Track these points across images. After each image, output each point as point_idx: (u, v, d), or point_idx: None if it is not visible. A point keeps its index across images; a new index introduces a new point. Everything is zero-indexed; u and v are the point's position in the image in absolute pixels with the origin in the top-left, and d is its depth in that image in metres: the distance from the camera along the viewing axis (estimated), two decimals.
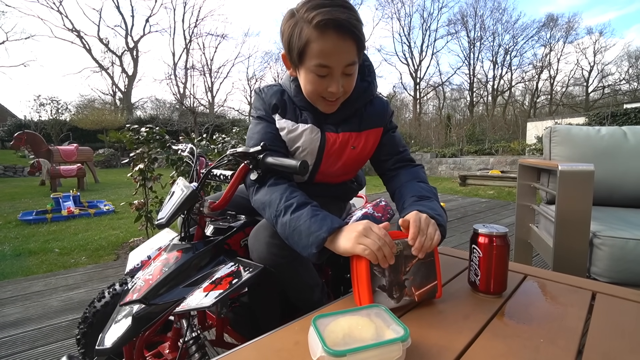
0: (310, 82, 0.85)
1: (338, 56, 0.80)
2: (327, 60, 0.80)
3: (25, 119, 17.85)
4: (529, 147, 9.70)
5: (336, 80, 0.82)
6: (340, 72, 0.82)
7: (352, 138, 0.95)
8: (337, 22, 0.76)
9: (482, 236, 0.71)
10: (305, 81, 0.86)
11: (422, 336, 0.57)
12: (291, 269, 0.89)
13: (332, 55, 0.79)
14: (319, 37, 0.78)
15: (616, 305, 0.70)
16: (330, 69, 0.81)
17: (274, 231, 0.84)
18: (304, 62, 0.83)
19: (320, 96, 0.87)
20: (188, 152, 1.13)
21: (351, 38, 0.79)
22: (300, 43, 0.80)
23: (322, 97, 0.87)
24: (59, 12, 22.43)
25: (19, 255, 2.86)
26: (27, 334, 1.61)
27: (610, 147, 1.77)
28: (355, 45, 0.81)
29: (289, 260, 0.87)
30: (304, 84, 0.88)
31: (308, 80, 0.85)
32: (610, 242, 1.23)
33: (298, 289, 0.95)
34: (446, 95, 28.06)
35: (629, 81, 23.36)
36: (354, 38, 0.79)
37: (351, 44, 0.80)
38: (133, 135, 2.77)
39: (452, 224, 3.74)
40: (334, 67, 0.81)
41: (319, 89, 0.85)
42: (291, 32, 0.81)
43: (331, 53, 0.79)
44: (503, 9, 25.09)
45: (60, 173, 6.57)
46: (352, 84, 0.87)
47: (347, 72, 0.83)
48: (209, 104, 25.04)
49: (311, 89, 0.86)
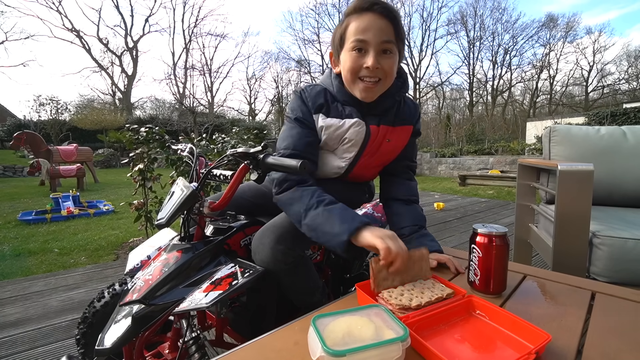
0: (349, 59, 0.88)
1: (374, 31, 0.84)
2: (363, 35, 0.85)
3: (25, 118, 17.81)
4: (528, 147, 9.71)
5: (373, 55, 0.85)
6: (377, 49, 0.85)
7: (389, 131, 0.98)
8: (374, 3, 0.84)
9: (481, 236, 0.72)
10: (345, 63, 0.90)
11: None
12: (294, 274, 0.90)
13: (369, 30, 0.84)
14: (357, 17, 0.86)
15: (615, 305, 0.70)
16: (367, 43, 0.85)
17: (279, 235, 0.86)
18: (344, 44, 0.89)
19: (358, 77, 0.89)
20: (188, 152, 1.13)
21: (387, 18, 0.85)
22: (341, 29, 0.90)
23: (360, 79, 0.89)
24: (58, 12, 22.38)
25: (19, 255, 2.86)
26: (26, 334, 1.60)
27: (610, 146, 1.77)
28: (392, 26, 0.86)
29: (291, 267, 0.87)
30: (343, 67, 0.91)
31: (347, 60, 0.89)
32: (610, 241, 1.23)
33: (299, 292, 0.95)
34: (446, 95, 28.08)
35: (628, 81, 23.39)
36: (391, 19, 0.85)
37: (388, 24, 0.85)
38: (132, 135, 2.77)
39: (452, 224, 3.74)
40: (371, 41, 0.85)
41: (357, 65, 0.87)
42: (336, 28, 0.92)
43: (368, 28, 0.84)
44: (503, 9, 25.07)
45: (59, 173, 6.57)
46: (391, 64, 0.88)
47: (384, 48, 0.86)
48: (208, 104, 25.05)
49: (349, 66, 0.88)
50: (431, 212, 4.43)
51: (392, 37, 0.86)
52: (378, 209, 1.42)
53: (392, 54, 0.87)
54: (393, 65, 0.89)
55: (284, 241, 0.86)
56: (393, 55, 0.88)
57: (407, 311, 0.60)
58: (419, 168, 10.01)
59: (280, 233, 0.87)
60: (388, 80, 0.90)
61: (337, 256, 1.29)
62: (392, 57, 0.88)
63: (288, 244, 0.86)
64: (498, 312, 0.60)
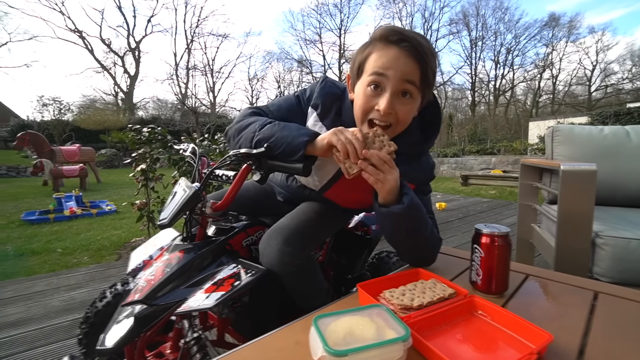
0: (362, 96, 0.79)
1: (396, 68, 0.74)
2: (383, 69, 0.75)
3: (28, 119, 17.91)
4: (531, 147, 9.68)
5: (388, 97, 0.75)
6: (395, 89, 0.75)
7: None
8: (403, 36, 0.74)
9: (483, 236, 0.71)
10: (357, 98, 0.81)
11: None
12: (301, 276, 0.89)
13: (391, 65, 0.75)
14: (382, 48, 0.76)
15: (618, 306, 0.69)
16: (384, 79, 0.75)
17: (286, 237, 0.86)
18: (362, 74, 0.80)
19: (367, 117, 0.80)
20: (190, 152, 1.13)
21: (415, 57, 0.74)
22: (362, 56, 0.79)
23: (370, 121, 0.80)
24: (61, 12, 22.61)
25: (22, 255, 2.87)
26: (28, 334, 1.61)
27: (613, 146, 1.76)
28: (418, 67, 0.75)
29: (299, 269, 0.87)
30: (356, 101, 0.82)
31: (360, 95, 0.80)
32: (613, 242, 1.22)
33: (305, 294, 0.94)
34: (448, 95, 28.01)
35: (632, 80, 23.27)
36: (419, 59, 0.75)
37: (414, 63, 0.75)
38: (135, 135, 2.78)
39: (454, 224, 3.73)
40: (390, 78, 0.75)
41: (369, 105, 0.78)
42: (359, 50, 0.81)
43: (390, 63, 0.75)
44: (505, 8, 25.00)
45: (62, 173, 6.59)
46: (406, 111, 0.78)
47: (404, 89, 0.76)
48: (210, 104, 25.10)
49: (360, 105, 0.80)
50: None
51: (416, 80, 0.75)
52: None
53: (411, 98, 0.77)
54: (409, 112, 0.79)
55: (292, 243, 0.85)
56: (412, 101, 0.78)
57: (409, 311, 0.60)
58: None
59: (287, 235, 0.87)
60: (399, 128, 0.80)
61: (339, 256, 1.29)
62: (410, 103, 0.78)
63: (295, 246, 0.86)
64: (500, 312, 0.59)
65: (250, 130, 0.86)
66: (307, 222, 0.94)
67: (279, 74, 27.80)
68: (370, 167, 0.72)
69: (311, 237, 0.89)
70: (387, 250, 1.52)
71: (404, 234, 0.80)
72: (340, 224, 1.15)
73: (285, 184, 1.12)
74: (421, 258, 0.87)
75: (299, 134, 0.78)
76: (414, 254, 0.86)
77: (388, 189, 0.74)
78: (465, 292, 0.66)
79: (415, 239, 0.81)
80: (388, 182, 0.73)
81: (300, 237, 0.88)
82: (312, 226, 0.94)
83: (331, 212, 1.03)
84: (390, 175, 0.73)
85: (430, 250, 0.86)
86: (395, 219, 0.77)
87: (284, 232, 0.87)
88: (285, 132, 0.79)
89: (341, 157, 0.74)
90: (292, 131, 0.79)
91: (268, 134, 0.81)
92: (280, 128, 0.81)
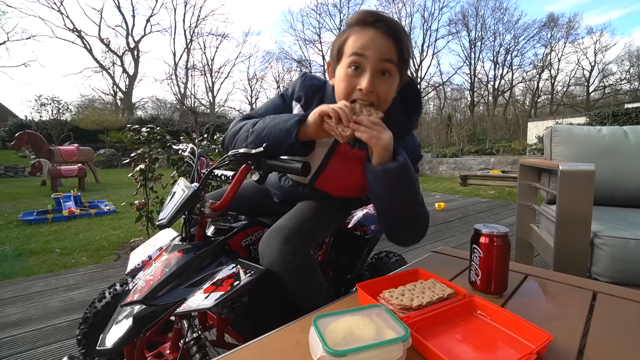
0: (343, 78, 0.82)
1: (374, 48, 0.77)
2: (362, 49, 0.78)
3: (27, 119, 17.87)
4: (529, 147, 9.69)
5: (368, 77, 0.78)
6: (374, 69, 0.78)
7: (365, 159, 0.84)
8: (378, 17, 0.78)
9: (482, 236, 0.71)
10: (339, 80, 0.83)
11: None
12: (301, 275, 0.89)
13: (368, 45, 0.78)
14: (359, 30, 0.80)
15: (617, 306, 0.69)
16: (364, 60, 0.78)
17: (285, 237, 0.86)
18: (342, 58, 0.83)
19: (351, 98, 0.82)
20: (189, 152, 1.13)
21: (391, 37, 0.78)
22: (341, 40, 0.83)
23: (353, 101, 0.81)
24: (59, 12, 22.49)
25: (20, 256, 2.86)
26: (27, 334, 1.61)
27: (611, 146, 1.77)
28: (395, 45, 0.79)
29: (300, 267, 0.86)
30: (337, 85, 0.84)
31: (341, 77, 0.82)
32: (611, 242, 1.23)
33: (305, 294, 0.93)
34: (447, 95, 28.05)
35: (630, 81, 23.31)
36: (394, 38, 0.78)
37: (390, 42, 0.78)
38: (134, 135, 2.77)
39: (453, 224, 3.74)
40: (369, 58, 0.78)
41: (350, 86, 0.81)
42: (337, 36, 0.86)
43: (368, 43, 0.78)
44: (504, 9, 25.04)
45: (61, 173, 6.58)
46: (387, 89, 0.81)
47: (383, 68, 0.79)
48: (209, 104, 25.07)
49: (342, 87, 0.82)
50: (432, 212, 4.43)
51: (393, 57, 0.79)
52: None
53: (390, 76, 0.81)
54: (389, 90, 0.82)
55: (291, 242, 0.85)
56: (391, 79, 0.81)
57: (408, 311, 0.60)
58: (420, 168, 10.01)
59: (286, 234, 0.87)
60: (381, 106, 0.82)
61: (338, 256, 1.29)
62: (389, 81, 0.81)
63: (295, 244, 0.86)
64: (499, 312, 0.60)
65: (243, 130, 0.90)
66: (305, 221, 0.94)
67: (278, 74, 27.82)
68: (363, 126, 0.74)
69: (310, 235, 0.89)
70: (387, 250, 1.52)
71: (396, 198, 0.79)
72: (338, 222, 1.15)
73: (279, 184, 1.13)
74: (411, 231, 0.87)
75: (290, 117, 0.83)
76: (403, 226, 0.85)
77: (383, 145, 0.74)
78: (464, 292, 0.66)
79: (407, 205, 0.81)
80: (382, 138, 0.74)
81: (298, 235, 0.88)
82: (310, 224, 0.94)
83: (328, 210, 1.04)
84: (384, 134, 0.74)
85: (420, 222, 0.86)
86: (389, 178, 0.76)
87: (282, 232, 0.87)
88: (277, 120, 0.84)
89: (333, 123, 0.76)
90: (283, 117, 0.84)
91: (261, 127, 0.86)
92: (272, 118, 0.86)
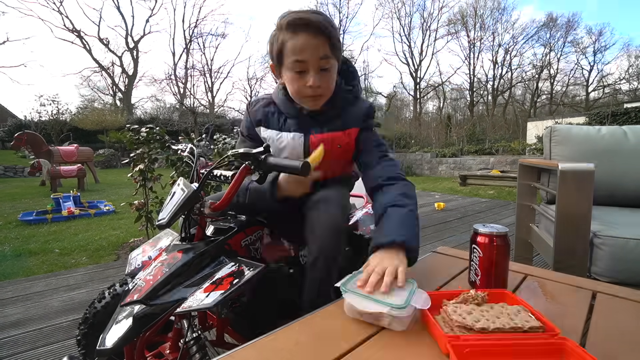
0: (291, 80, 0.92)
1: (310, 50, 0.87)
2: (301, 55, 0.87)
3: (26, 119, 17.82)
4: (529, 147, 9.70)
5: (313, 74, 0.89)
6: (316, 67, 0.89)
7: (337, 137, 0.98)
8: (306, 21, 0.86)
9: (482, 236, 0.72)
10: (288, 82, 0.94)
11: (423, 334, 0.57)
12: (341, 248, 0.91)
13: (305, 50, 0.87)
14: (292, 36, 0.87)
15: (617, 305, 0.70)
16: (305, 64, 0.88)
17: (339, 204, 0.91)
18: (283, 62, 0.92)
19: (304, 95, 0.93)
20: (188, 153, 1.13)
21: (322, 34, 0.87)
22: (277, 46, 0.91)
23: (306, 96, 0.93)
24: (59, 12, 22.40)
25: (20, 256, 2.86)
26: (27, 335, 1.61)
27: (611, 146, 1.77)
28: (327, 41, 0.88)
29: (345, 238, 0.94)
30: (288, 85, 0.95)
31: (289, 80, 0.93)
32: (611, 241, 1.23)
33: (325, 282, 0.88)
34: (446, 95, 28.05)
35: (629, 80, 23.35)
36: (325, 34, 0.87)
37: (322, 40, 0.88)
38: (133, 135, 2.77)
39: (452, 224, 3.74)
40: (309, 61, 0.88)
41: (300, 85, 0.91)
42: (272, 41, 0.93)
43: (304, 48, 0.87)
44: (503, 9, 25.05)
45: (60, 173, 6.58)
46: (329, 80, 0.93)
47: (322, 66, 0.89)
48: (209, 104, 25.05)
49: (294, 88, 0.93)
50: (432, 212, 4.43)
51: (328, 52, 0.89)
52: None
53: (330, 68, 0.91)
54: (332, 80, 0.94)
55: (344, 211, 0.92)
56: (332, 70, 0.92)
57: (468, 332, 0.51)
58: (419, 168, 10.01)
59: (339, 202, 0.92)
60: (329, 92, 0.95)
61: None
62: (330, 72, 0.92)
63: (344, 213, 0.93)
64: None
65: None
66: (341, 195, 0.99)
67: None
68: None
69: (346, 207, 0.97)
70: None
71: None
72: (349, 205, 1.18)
73: None
74: None
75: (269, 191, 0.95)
76: None
77: None
78: (555, 331, 0.50)
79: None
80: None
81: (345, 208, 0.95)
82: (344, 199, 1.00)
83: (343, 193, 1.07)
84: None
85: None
86: None
87: (336, 198, 0.92)
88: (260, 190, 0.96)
89: None
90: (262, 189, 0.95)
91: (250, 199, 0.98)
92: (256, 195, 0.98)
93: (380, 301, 0.57)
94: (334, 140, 0.98)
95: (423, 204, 4.95)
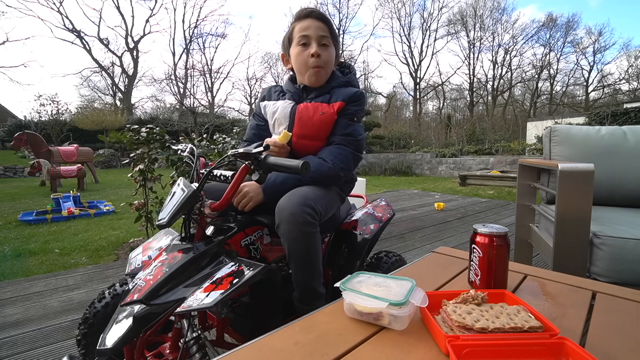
0: (297, 54, 1.16)
1: (313, 28, 1.14)
2: (305, 31, 1.14)
3: (26, 119, 17.83)
4: (529, 147, 9.71)
5: (315, 45, 1.13)
6: (317, 41, 1.14)
7: (322, 107, 1.16)
8: (311, 10, 1.16)
9: (482, 236, 0.72)
10: (294, 57, 1.17)
11: (423, 334, 0.57)
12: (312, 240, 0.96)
13: (309, 28, 1.14)
14: (299, 21, 1.16)
15: (616, 305, 0.70)
16: (309, 37, 1.14)
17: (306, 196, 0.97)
18: (292, 42, 1.18)
19: (307, 66, 1.15)
20: (188, 153, 1.13)
21: (323, 21, 1.16)
22: (288, 33, 1.20)
23: (310, 67, 1.14)
24: (59, 12, 22.40)
25: (19, 256, 2.86)
26: (27, 335, 1.61)
27: (610, 146, 1.77)
28: (326, 25, 1.16)
29: (311, 229, 0.95)
30: (294, 61, 1.18)
31: (295, 55, 1.17)
32: (611, 242, 1.23)
33: (308, 270, 0.98)
34: (446, 95, 28.07)
35: (628, 80, 23.35)
36: (326, 22, 1.16)
37: (323, 25, 1.16)
38: (133, 135, 2.77)
39: (452, 224, 3.74)
40: (312, 35, 1.14)
41: (304, 56, 1.14)
42: (285, 35, 1.22)
43: (308, 27, 1.14)
44: (502, 9, 25.07)
45: (60, 173, 6.57)
46: (329, 55, 1.17)
47: (322, 42, 1.15)
48: (209, 104, 25.05)
49: (299, 61, 1.16)
50: (432, 212, 4.43)
51: (327, 34, 1.15)
52: (378, 209, 1.42)
53: (329, 46, 1.17)
54: (331, 55, 1.17)
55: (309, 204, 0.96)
56: (330, 48, 1.17)
57: (467, 332, 0.52)
58: (419, 168, 10.01)
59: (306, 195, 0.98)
60: (328, 68, 1.18)
61: (338, 256, 1.29)
62: (329, 49, 1.17)
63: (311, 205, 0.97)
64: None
65: None
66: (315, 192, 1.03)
67: (277, 75, 27.80)
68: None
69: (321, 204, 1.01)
70: (386, 250, 1.52)
71: None
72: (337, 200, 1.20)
73: None
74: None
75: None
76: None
77: None
78: (555, 331, 0.50)
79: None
80: None
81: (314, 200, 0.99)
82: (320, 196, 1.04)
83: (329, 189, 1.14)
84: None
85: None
86: None
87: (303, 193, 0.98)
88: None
89: None
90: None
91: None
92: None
93: (380, 298, 0.57)
94: (317, 108, 1.15)
95: (423, 204, 4.96)
